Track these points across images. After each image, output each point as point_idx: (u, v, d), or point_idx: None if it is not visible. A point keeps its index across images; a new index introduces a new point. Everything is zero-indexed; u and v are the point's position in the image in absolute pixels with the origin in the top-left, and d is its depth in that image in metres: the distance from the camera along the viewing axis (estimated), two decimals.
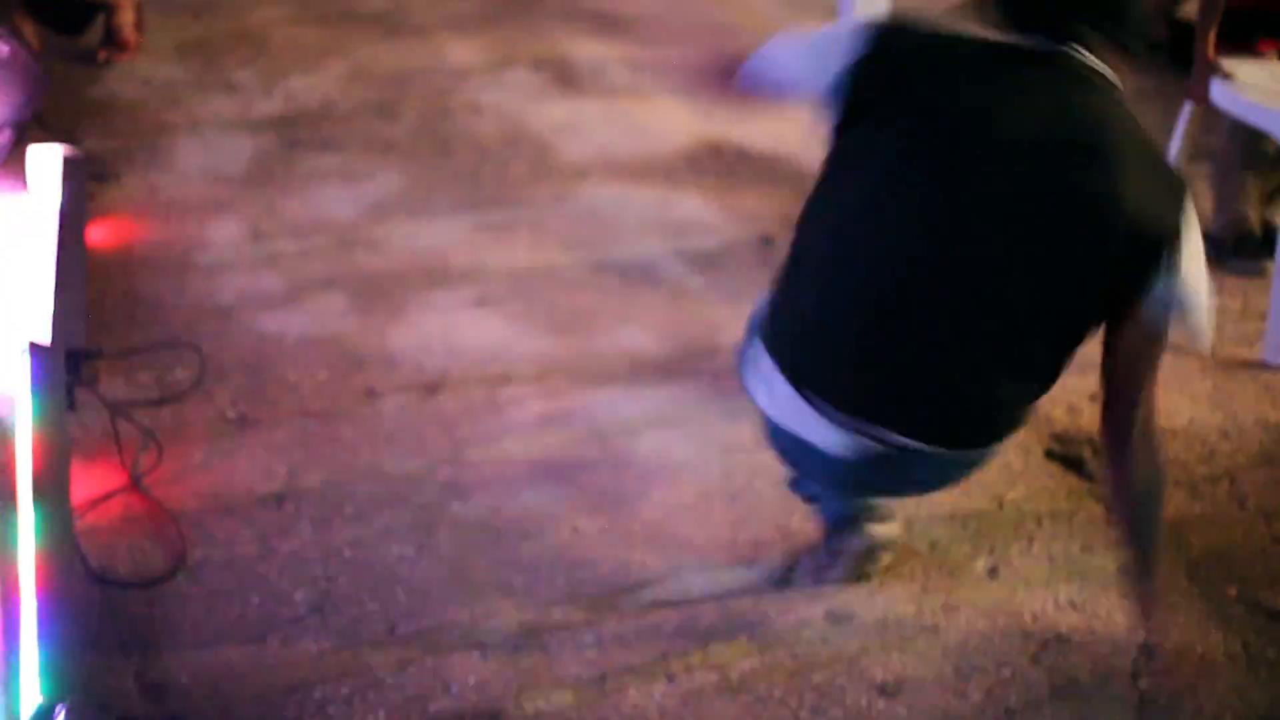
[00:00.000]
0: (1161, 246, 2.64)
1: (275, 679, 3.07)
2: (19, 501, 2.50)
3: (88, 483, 3.61)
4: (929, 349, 2.73)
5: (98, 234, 4.93)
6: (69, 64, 6.33)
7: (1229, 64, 4.90)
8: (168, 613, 3.25)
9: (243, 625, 3.22)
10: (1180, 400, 4.13)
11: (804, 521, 3.53)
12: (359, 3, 7.39)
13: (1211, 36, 4.90)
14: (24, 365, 2.57)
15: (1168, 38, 6.87)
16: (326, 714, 2.98)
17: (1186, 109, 5.07)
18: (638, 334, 3.80)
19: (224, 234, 4.99)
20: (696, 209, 5.26)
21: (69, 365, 2.99)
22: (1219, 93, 4.89)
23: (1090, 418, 4.02)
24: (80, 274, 4.52)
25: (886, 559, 3.40)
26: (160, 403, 4.00)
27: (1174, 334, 2.74)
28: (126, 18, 6.44)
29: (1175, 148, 5.12)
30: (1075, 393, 4.12)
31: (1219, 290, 2.94)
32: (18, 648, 2.47)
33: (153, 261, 4.78)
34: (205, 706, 2.99)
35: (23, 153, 3.41)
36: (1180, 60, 6.78)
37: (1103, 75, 2.72)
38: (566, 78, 6.55)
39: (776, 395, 2.86)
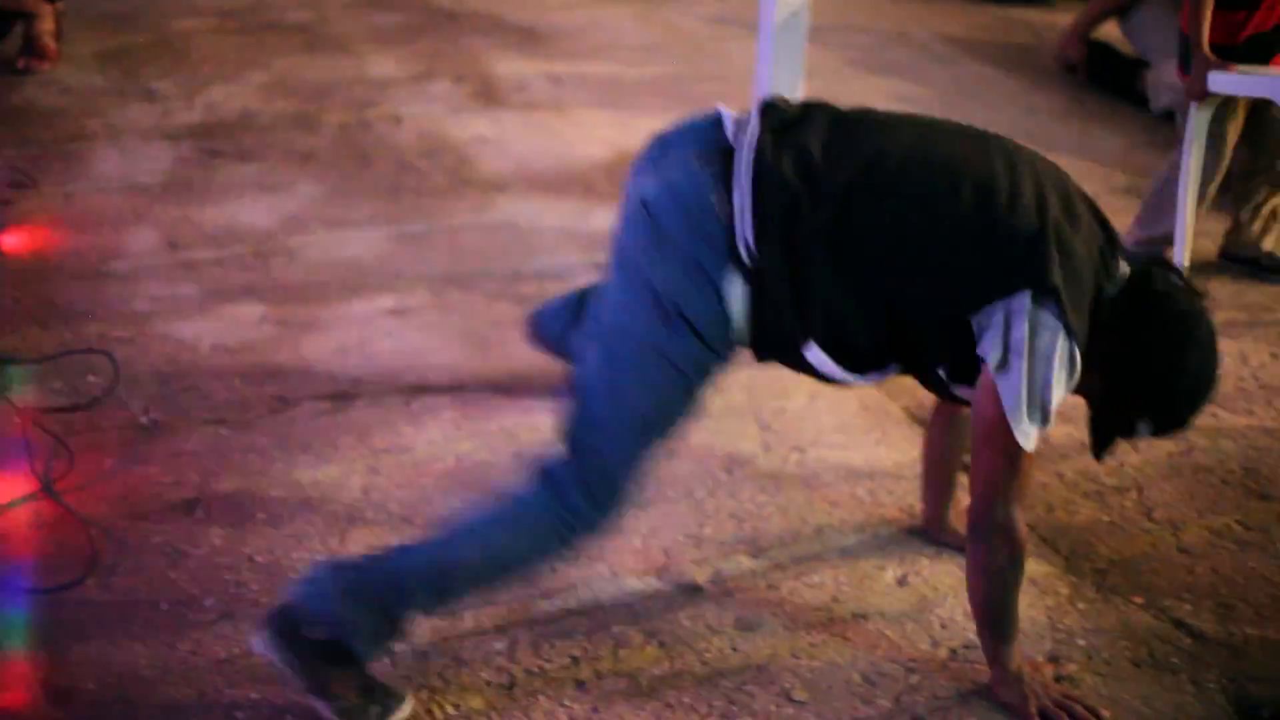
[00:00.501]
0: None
1: (184, 684, 3.06)
2: None
3: None
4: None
5: (13, 241, 4.91)
6: None
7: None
8: (76, 619, 3.22)
9: (152, 630, 3.20)
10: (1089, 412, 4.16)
11: (717, 529, 3.55)
12: (281, 14, 7.38)
13: (1205, 34, 4.90)
14: None
15: (1084, 59, 6.99)
16: (234, 719, 2.97)
17: (1193, 111, 5.04)
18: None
19: (140, 242, 4.97)
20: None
21: None
22: (1217, 80, 4.90)
23: None
24: None
25: None
26: (73, 409, 3.98)
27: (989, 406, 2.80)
28: (46, 26, 6.41)
29: (1187, 158, 5.08)
30: None
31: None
32: None
33: (68, 269, 4.76)
34: (112, 712, 2.97)
35: None
36: (1097, 79, 6.90)
37: None
38: (487, 91, 6.57)
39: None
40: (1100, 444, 2.99)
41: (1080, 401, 2.98)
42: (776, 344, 2.88)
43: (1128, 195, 5.74)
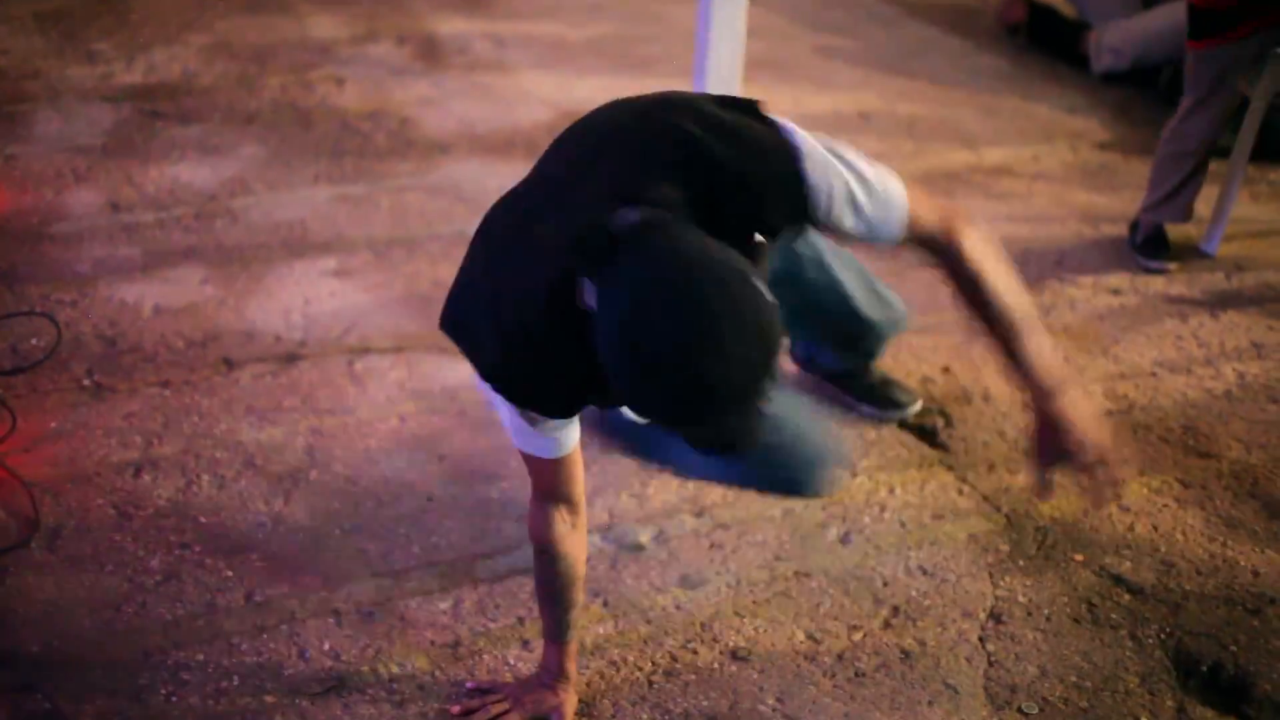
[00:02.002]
0: None
1: (129, 646, 3.07)
2: None
3: None
4: None
5: None
6: None
7: None
8: (20, 582, 3.23)
9: (97, 593, 3.21)
10: None
11: (660, 488, 3.57)
12: None
13: None
14: None
15: (1026, 20, 7.01)
16: (180, 680, 2.98)
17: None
18: None
19: (82, 204, 4.94)
20: None
21: None
22: None
23: (943, 388, 4.09)
24: None
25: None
26: (14, 372, 3.96)
27: None
28: None
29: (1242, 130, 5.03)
30: (929, 364, 4.19)
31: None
32: None
33: (8, 231, 4.73)
34: (57, 675, 2.98)
35: None
36: (1038, 41, 6.92)
37: None
38: (430, 52, 6.54)
39: None
40: None
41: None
42: None
43: (1073, 155, 5.76)
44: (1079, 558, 3.46)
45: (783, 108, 5.92)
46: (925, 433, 3.90)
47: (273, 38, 6.55)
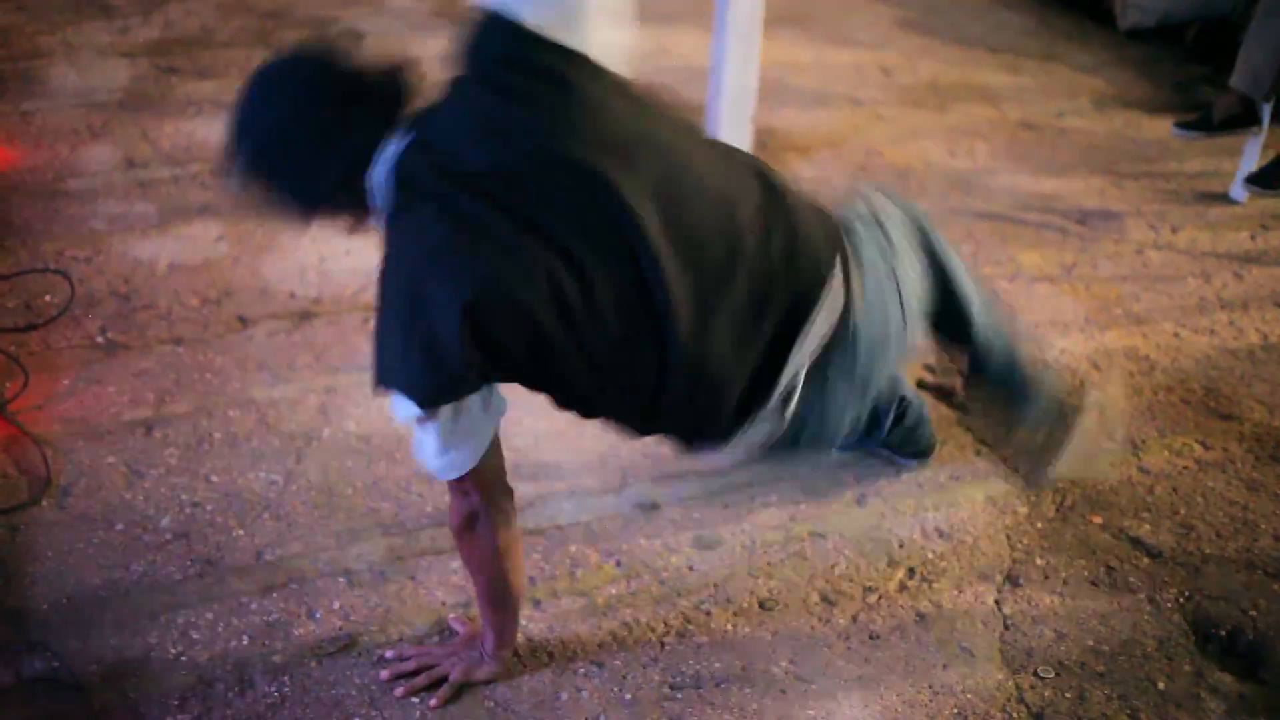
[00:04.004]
0: None
1: (138, 605, 3.05)
2: None
3: None
4: None
5: None
6: None
7: None
8: (30, 539, 3.21)
9: (107, 551, 3.19)
10: (1051, 331, 4.16)
11: (669, 460, 3.55)
12: None
13: None
14: None
15: None
16: (190, 639, 2.96)
17: None
18: None
19: (97, 160, 4.92)
20: None
21: None
22: None
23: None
24: None
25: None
26: (28, 329, 3.94)
27: None
28: None
29: None
30: None
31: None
32: None
33: (24, 187, 4.71)
34: (66, 633, 2.96)
35: None
36: None
37: None
38: (450, 7, 6.49)
39: None
40: None
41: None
42: None
43: (1097, 112, 5.71)
44: (1097, 520, 3.43)
45: (803, 62, 5.90)
46: (943, 392, 3.86)
47: None
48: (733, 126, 4.88)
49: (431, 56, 5.12)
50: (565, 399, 2.66)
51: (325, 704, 2.83)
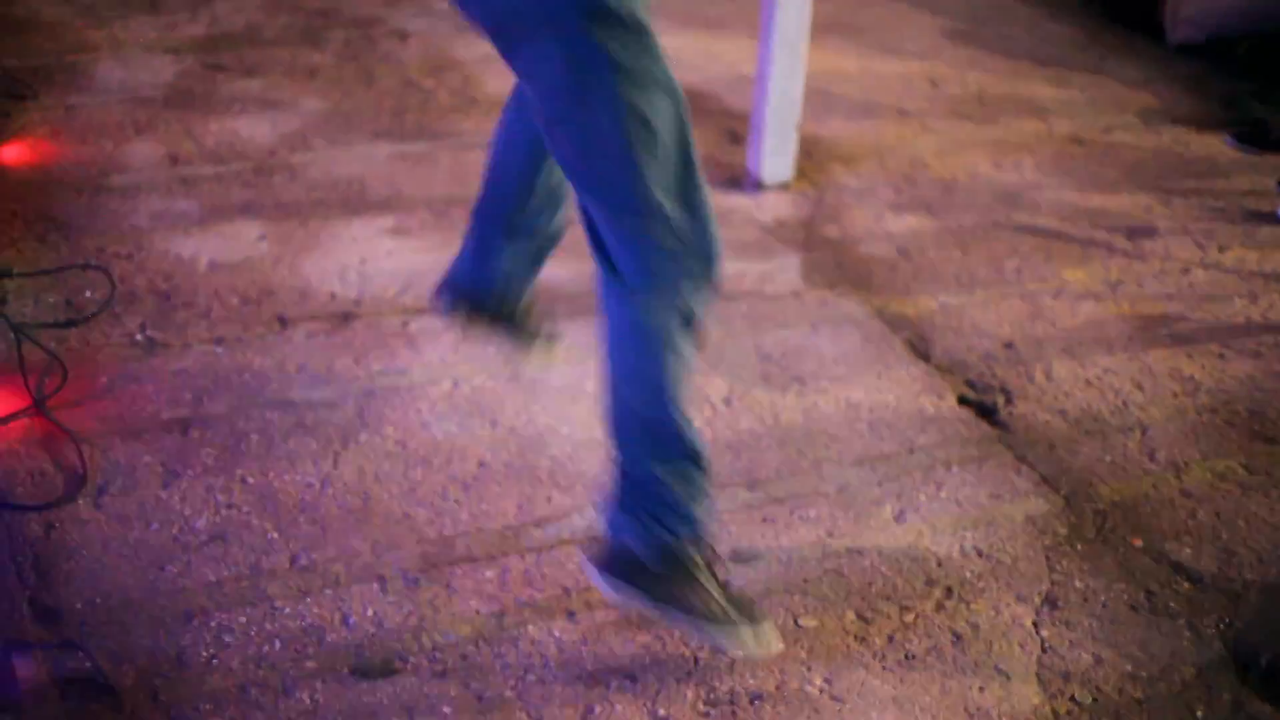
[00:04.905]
0: None
1: (172, 606, 3.04)
2: None
3: None
4: None
5: (12, 153, 4.87)
6: None
7: None
8: (65, 537, 3.21)
9: (142, 551, 3.18)
10: (1094, 349, 4.13)
11: (714, 460, 3.51)
12: None
13: None
14: None
15: None
16: (222, 642, 2.95)
17: None
18: (552, 266, 3.75)
19: (141, 156, 4.92)
20: None
21: None
22: None
23: (1005, 364, 4.02)
24: None
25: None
26: (68, 325, 3.94)
27: None
28: None
29: None
30: (991, 339, 4.12)
31: None
32: None
33: (67, 182, 4.72)
34: (100, 632, 2.95)
35: None
36: (1114, 10, 6.82)
37: None
38: None
39: None
40: None
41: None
42: None
43: (1146, 127, 5.67)
44: (1138, 542, 3.40)
45: (850, 71, 5.88)
46: (985, 410, 3.84)
47: None
48: (778, 135, 4.86)
49: (474, 59, 5.09)
50: None
51: (359, 713, 2.81)
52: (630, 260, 2.67)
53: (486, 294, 3.48)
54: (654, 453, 2.82)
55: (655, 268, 2.66)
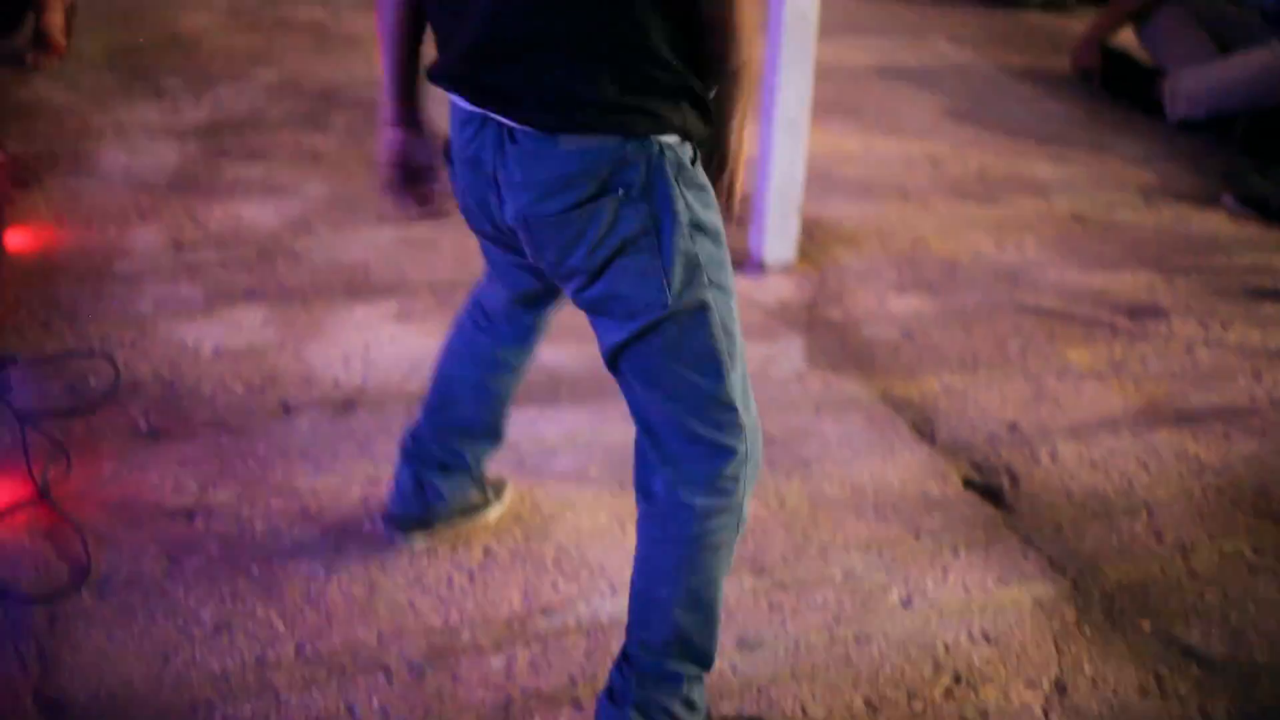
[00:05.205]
0: None
1: (177, 698, 3.02)
2: None
3: None
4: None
5: (17, 239, 4.88)
6: None
7: None
8: (69, 628, 3.19)
9: (146, 642, 3.17)
10: (1099, 430, 4.12)
11: None
12: (292, 11, 7.34)
13: None
14: None
15: (1100, 66, 6.94)
16: None
17: None
18: (557, 353, 3.76)
19: (145, 242, 4.94)
20: None
21: None
22: None
23: (1009, 446, 4.02)
24: None
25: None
26: (72, 413, 3.94)
27: None
28: (55, 20, 6.38)
29: None
30: (995, 420, 4.12)
31: None
32: None
33: (72, 268, 4.73)
34: None
35: None
36: (1113, 87, 6.84)
37: None
38: None
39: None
40: None
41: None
42: None
43: (1147, 204, 5.69)
44: (1146, 626, 3.38)
45: (851, 152, 5.90)
46: (990, 492, 3.83)
47: (341, 75, 6.56)
48: (781, 216, 4.88)
49: None
50: None
51: None
52: (702, 471, 2.71)
53: (438, 514, 3.52)
54: (681, 652, 2.82)
55: (724, 477, 2.71)
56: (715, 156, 2.72)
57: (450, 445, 3.41)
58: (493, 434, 3.47)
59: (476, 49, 2.53)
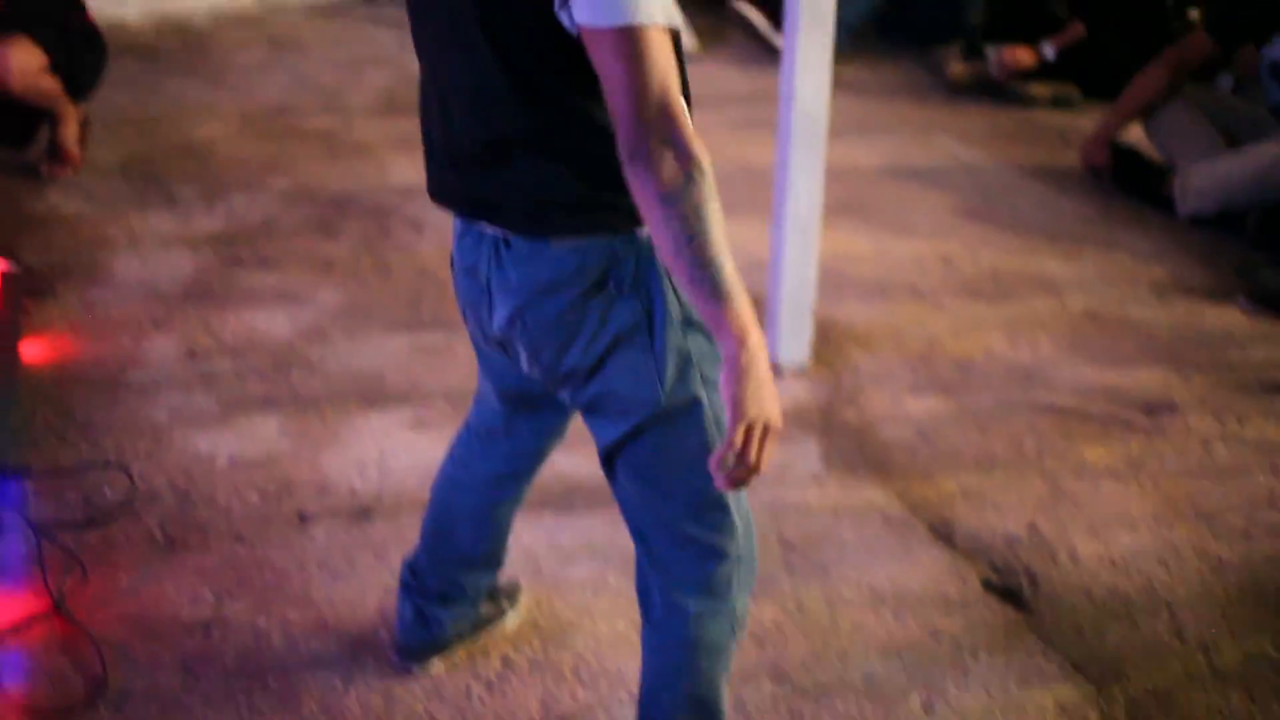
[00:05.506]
0: None
1: None
2: None
3: (8, 607, 3.56)
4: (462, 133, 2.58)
5: (31, 350, 4.89)
6: (11, 177, 6.31)
7: None
8: None
9: None
10: (1118, 529, 4.11)
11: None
12: (303, 120, 7.37)
13: None
14: None
15: (1109, 163, 6.95)
16: None
17: None
18: (574, 459, 3.76)
19: (159, 352, 4.94)
20: None
21: None
22: None
23: (1029, 547, 4.00)
24: (12, 391, 4.49)
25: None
26: (87, 524, 3.94)
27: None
28: (70, 131, 6.40)
29: None
30: (1014, 521, 4.10)
31: None
32: None
33: (86, 379, 4.73)
34: None
35: None
36: (1122, 184, 6.86)
37: None
38: None
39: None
40: None
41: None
42: None
43: (1159, 300, 5.68)
44: None
45: (863, 252, 5.91)
46: (1010, 594, 3.81)
47: (353, 182, 6.57)
48: (794, 319, 4.88)
49: None
50: None
51: None
52: (693, 575, 2.73)
53: (446, 641, 3.50)
54: None
55: (716, 579, 2.73)
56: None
57: (449, 576, 3.39)
58: (492, 563, 3.45)
59: (453, 160, 2.62)
